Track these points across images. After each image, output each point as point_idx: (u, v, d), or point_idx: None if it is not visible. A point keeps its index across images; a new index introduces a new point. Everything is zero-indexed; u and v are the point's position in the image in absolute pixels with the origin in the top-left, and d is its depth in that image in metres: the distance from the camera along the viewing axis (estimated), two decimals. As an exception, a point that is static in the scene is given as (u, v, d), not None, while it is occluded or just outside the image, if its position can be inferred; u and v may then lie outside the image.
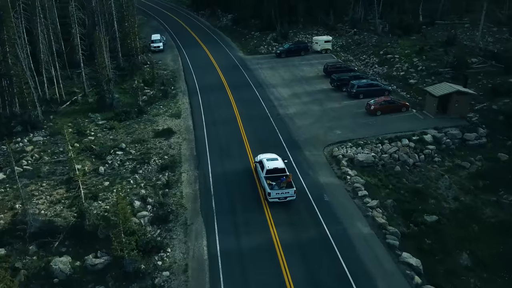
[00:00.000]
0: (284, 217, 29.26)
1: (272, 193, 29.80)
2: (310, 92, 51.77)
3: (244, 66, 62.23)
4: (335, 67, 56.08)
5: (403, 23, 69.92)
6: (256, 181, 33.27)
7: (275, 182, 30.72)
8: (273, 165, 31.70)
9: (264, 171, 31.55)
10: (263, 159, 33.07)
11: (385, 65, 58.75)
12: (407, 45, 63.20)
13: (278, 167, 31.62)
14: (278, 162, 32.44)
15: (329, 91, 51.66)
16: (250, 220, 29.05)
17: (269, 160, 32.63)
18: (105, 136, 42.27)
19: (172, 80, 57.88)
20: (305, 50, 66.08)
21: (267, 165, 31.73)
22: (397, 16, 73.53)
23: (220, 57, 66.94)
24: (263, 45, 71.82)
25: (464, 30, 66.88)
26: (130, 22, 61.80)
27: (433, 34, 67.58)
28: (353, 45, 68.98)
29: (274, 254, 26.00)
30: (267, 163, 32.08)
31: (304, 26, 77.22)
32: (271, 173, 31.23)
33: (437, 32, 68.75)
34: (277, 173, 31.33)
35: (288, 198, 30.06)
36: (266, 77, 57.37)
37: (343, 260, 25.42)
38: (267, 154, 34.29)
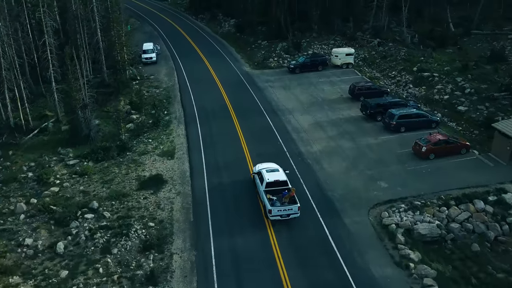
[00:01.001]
0: None
1: (273, 210, 26.40)
2: (336, 121, 41.72)
3: (251, 84, 52.15)
4: (364, 88, 46.02)
5: (436, 33, 59.99)
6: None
7: (276, 197, 27.53)
8: (274, 177, 28.47)
9: (264, 184, 28.26)
10: (262, 170, 29.67)
11: (422, 85, 48.73)
12: (444, 60, 53.29)
13: (280, 180, 28.42)
14: (279, 173, 29.19)
15: (359, 120, 41.60)
16: None
17: (269, 171, 29.34)
18: (73, 186, 32.13)
19: (165, 101, 47.71)
20: (323, 64, 56.04)
21: (267, 177, 28.46)
22: (427, 25, 63.60)
23: (223, 71, 56.83)
24: (272, 57, 61.71)
25: (510, 42, 56.93)
26: (116, 30, 51.55)
27: (471, 47, 57.70)
28: (378, 59, 58.96)
29: None
30: (267, 175, 28.79)
31: (318, 34, 67.17)
32: (271, 186, 28.09)
33: (475, 44, 58.86)
34: (278, 186, 28.19)
35: (292, 216, 26.56)
36: (279, 99, 47.30)
37: None
38: (267, 164, 31.06)
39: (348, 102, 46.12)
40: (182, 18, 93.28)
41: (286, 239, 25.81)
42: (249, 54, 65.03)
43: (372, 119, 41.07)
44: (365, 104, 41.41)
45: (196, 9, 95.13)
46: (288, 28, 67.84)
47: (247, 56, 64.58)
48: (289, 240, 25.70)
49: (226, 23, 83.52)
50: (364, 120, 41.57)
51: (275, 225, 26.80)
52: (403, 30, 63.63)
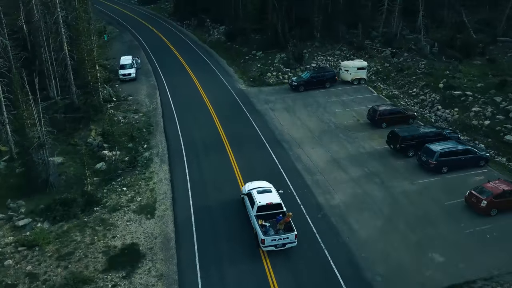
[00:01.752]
0: None
1: (267, 239, 22.90)
2: (357, 156, 33.69)
3: (248, 106, 43.89)
4: (387, 112, 38.07)
5: (459, 42, 52.45)
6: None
7: (269, 222, 24.23)
8: (266, 200, 24.97)
9: (255, 208, 24.74)
10: (252, 190, 26.09)
11: (453, 106, 40.95)
12: (474, 75, 45.68)
13: (273, 202, 24.91)
14: (272, 195, 25.63)
15: (386, 156, 33.63)
16: None
17: (261, 192, 25.77)
18: (18, 266, 23.51)
19: (145, 131, 39.17)
20: (330, 80, 48.02)
21: (258, 200, 24.93)
22: (444, 32, 56.16)
23: (214, 89, 48.46)
24: (270, 71, 53.50)
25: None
26: (85, 44, 42.84)
27: (501, 57, 50.24)
28: (394, 72, 51.17)
29: None
30: (258, 197, 25.26)
31: (321, 43, 59.15)
32: (263, 210, 24.63)
33: (504, 53, 51.42)
34: (272, 209, 24.75)
35: (288, 245, 23.24)
36: (283, 126, 39.14)
37: None
38: (258, 183, 27.45)
39: (367, 129, 38.15)
40: (166, 24, 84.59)
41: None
42: (243, 68, 56.74)
43: (402, 153, 33.11)
44: (394, 136, 33.38)
45: (181, 14, 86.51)
46: (286, 37, 59.68)
47: (240, 69, 56.28)
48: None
49: (215, 30, 75.13)
50: (392, 155, 33.58)
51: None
52: (419, 38, 55.97)
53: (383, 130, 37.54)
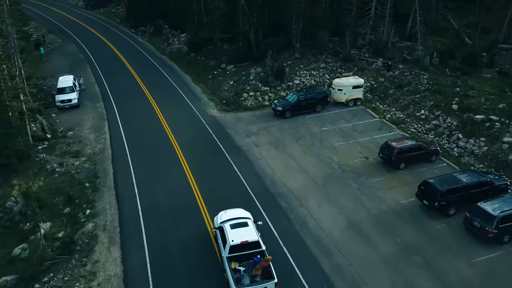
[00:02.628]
0: None
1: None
2: (381, 217, 25.12)
3: (225, 140, 34.51)
4: (406, 149, 29.77)
5: (460, 52, 45.33)
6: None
7: (243, 267, 19.49)
8: (240, 237, 20.08)
9: (227, 248, 19.92)
10: (224, 224, 21.13)
11: (477, 134, 33.33)
12: (489, 92, 38.48)
13: (249, 241, 20.06)
14: (248, 230, 20.67)
15: (419, 214, 25.28)
16: None
17: (234, 226, 20.86)
18: None
19: (89, 185, 28.90)
20: (322, 102, 39.45)
21: (231, 238, 20.12)
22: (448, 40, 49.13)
23: (179, 118, 38.67)
24: (246, 91, 44.23)
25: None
26: (2, 68, 31.92)
27: (510, 68, 43.47)
28: (392, 88, 43.30)
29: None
30: (231, 233, 20.35)
31: (302, 54, 50.44)
32: (237, 250, 19.84)
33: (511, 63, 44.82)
34: (248, 249, 19.92)
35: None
36: (274, 171, 30.04)
37: None
38: (232, 212, 22.59)
39: (382, 171, 29.76)
40: (118, 32, 73.40)
41: None
42: (212, 86, 47.18)
43: (441, 211, 24.86)
44: (429, 190, 24.98)
45: (135, 20, 75.60)
46: (260, 47, 50.77)
47: (209, 88, 46.70)
48: None
49: (175, 39, 65.01)
50: (426, 213, 25.25)
51: None
52: (414, 46, 48.48)
53: (402, 172, 29.48)
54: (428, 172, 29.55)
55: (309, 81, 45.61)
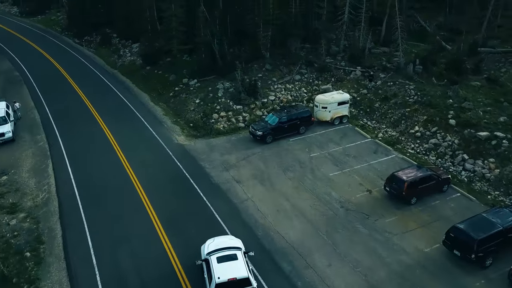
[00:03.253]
0: None
1: None
2: (405, 274, 20.63)
3: (199, 177, 28.84)
4: (418, 180, 25.48)
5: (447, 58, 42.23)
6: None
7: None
8: (228, 274, 17.92)
9: (212, 285, 17.75)
10: (211, 256, 18.91)
11: (484, 154, 29.71)
12: (484, 102, 35.32)
13: (237, 278, 17.90)
14: (237, 264, 18.45)
15: (449, 266, 21.00)
16: None
17: (222, 259, 18.59)
18: None
19: (30, 256, 22.28)
20: (306, 122, 34.68)
21: (217, 274, 17.92)
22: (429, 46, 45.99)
23: (140, 150, 32.46)
24: (216, 111, 38.58)
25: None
26: None
27: (498, 74, 40.75)
28: (377, 101, 39.30)
29: None
30: (217, 268, 18.22)
31: (273, 65, 45.47)
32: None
33: (497, 68, 42.11)
34: (236, 287, 17.70)
35: None
36: (266, 217, 24.81)
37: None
38: (220, 240, 20.49)
39: (391, 209, 25.35)
40: (59, 43, 65.10)
41: None
42: (175, 106, 41.20)
43: (477, 264, 20.66)
44: (462, 238, 20.64)
45: (78, 28, 67.41)
46: (226, 58, 45.38)
47: (172, 109, 40.69)
48: None
49: (126, 50, 58.15)
50: (458, 266, 20.96)
51: None
52: (394, 53, 44.91)
53: (414, 209, 25.34)
54: (443, 206, 25.51)
55: (285, 97, 40.74)
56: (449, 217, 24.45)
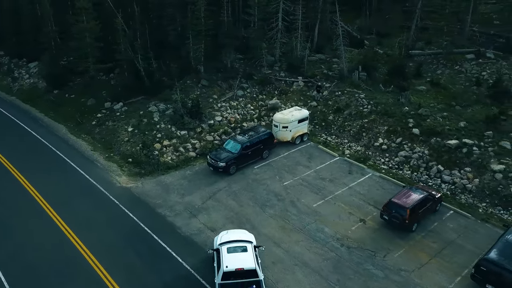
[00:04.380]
0: None
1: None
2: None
3: (163, 231, 23.43)
4: (417, 204, 23.25)
5: (389, 63, 41.73)
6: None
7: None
8: (235, 264, 18.38)
9: (220, 273, 18.27)
10: (222, 246, 19.53)
11: (458, 164, 28.75)
12: (438, 107, 35.01)
13: (245, 268, 18.19)
14: (246, 256, 18.93)
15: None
16: None
17: (232, 250, 19.21)
18: None
19: None
20: (269, 145, 30.95)
21: (225, 263, 18.39)
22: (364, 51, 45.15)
23: (77, 203, 25.71)
24: (158, 140, 32.88)
25: (475, 64, 42.43)
26: None
27: (436, 76, 41.20)
28: (330, 113, 36.99)
29: None
30: (227, 258, 18.76)
31: (210, 81, 40.76)
32: (231, 277, 18.12)
33: (434, 71, 42.66)
34: (243, 277, 18.13)
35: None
36: (262, 271, 20.46)
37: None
38: (233, 233, 21.00)
39: (393, 238, 22.89)
40: None
41: None
42: (103, 137, 34.47)
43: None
44: (495, 270, 18.60)
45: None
46: (153, 76, 39.76)
47: (100, 142, 33.92)
48: None
49: (22, 71, 48.79)
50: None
51: None
52: (334, 60, 43.34)
53: (418, 236, 23.29)
54: (443, 228, 23.73)
55: (233, 116, 36.51)
56: (455, 241, 22.71)
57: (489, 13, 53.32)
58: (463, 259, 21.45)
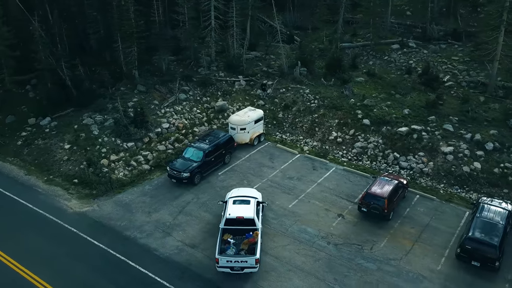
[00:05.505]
0: None
1: (221, 260, 19.59)
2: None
3: (140, 257, 21.19)
4: (392, 193, 23.85)
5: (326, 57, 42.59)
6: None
7: (234, 240, 20.94)
8: (237, 213, 21.34)
9: (223, 220, 21.41)
10: (229, 199, 22.69)
11: (412, 150, 30.15)
12: (380, 97, 36.46)
13: (244, 217, 21.09)
14: (247, 207, 21.77)
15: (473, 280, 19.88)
16: None
17: (237, 201, 22.33)
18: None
19: None
20: (230, 148, 29.73)
21: (229, 212, 21.49)
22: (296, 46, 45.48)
23: (29, 239, 22.25)
24: (104, 155, 29.80)
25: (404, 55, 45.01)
26: None
27: (369, 67, 42.95)
28: (279, 111, 36.74)
29: None
30: (230, 207, 21.83)
31: (147, 86, 37.91)
32: (232, 224, 21.17)
33: (366, 62, 44.41)
34: (243, 224, 21.09)
35: (247, 270, 19.65)
36: (257, 284, 19.46)
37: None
38: (243, 190, 24.27)
39: (373, 230, 23.33)
40: None
41: None
42: (36, 159, 30.43)
43: (491, 270, 19.98)
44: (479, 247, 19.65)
45: None
46: (81, 85, 36.29)
47: (34, 164, 29.91)
48: None
49: None
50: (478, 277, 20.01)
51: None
52: (269, 57, 43.08)
53: (395, 224, 24.09)
54: (415, 213, 24.68)
55: (181, 122, 34.51)
56: (429, 224, 23.74)
57: (401, 4, 56.98)
58: (441, 240, 22.44)
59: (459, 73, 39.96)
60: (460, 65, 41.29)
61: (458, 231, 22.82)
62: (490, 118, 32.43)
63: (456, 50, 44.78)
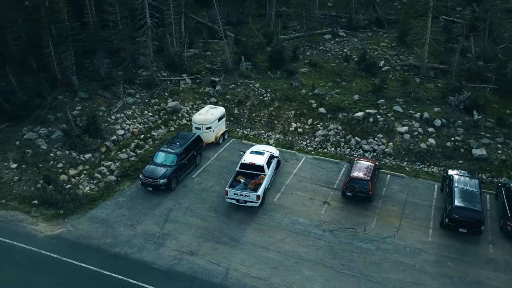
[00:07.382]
0: None
1: (230, 192, 23.83)
2: (440, 275, 20.09)
3: (139, 274, 19.74)
4: (370, 174, 24.96)
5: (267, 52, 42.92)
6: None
7: (245, 181, 25.06)
8: (251, 159, 25.92)
9: (238, 164, 26.12)
10: (248, 150, 27.57)
11: (370, 133, 31.94)
12: (328, 86, 37.90)
13: (255, 163, 25.51)
14: (261, 157, 26.15)
15: (462, 246, 21.73)
16: None
17: (253, 152, 27.04)
18: None
19: None
20: (200, 149, 28.79)
21: (244, 158, 26.24)
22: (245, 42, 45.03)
23: (4, 272, 19.56)
24: (62, 170, 27.01)
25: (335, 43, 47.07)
26: None
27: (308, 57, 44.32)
28: (233, 107, 36.38)
29: None
30: (246, 155, 26.60)
31: (89, 93, 34.97)
32: (246, 168, 25.68)
33: (304, 53, 45.66)
34: (254, 170, 25.47)
35: (249, 204, 23.58)
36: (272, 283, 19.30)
37: None
38: (262, 147, 28.88)
39: (361, 212, 24.29)
40: None
41: None
42: None
43: (474, 234, 22.02)
44: (466, 218, 21.45)
45: None
46: (15, 96, 32.63)
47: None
48: None
49: None
50: (467, 242, 21.91)
51: None
52: (207, 54, 42.30)
53: (378, 205, 25.24)
54: (392, 191, 26.21)
55: (135, 127, 32.58)
56: (408, 200, 25.37)
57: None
58: (422, 213, 24.14)
59: (390, 58, 42.92)
60: (389, 51, 44.36)
61: (435, 203, 24.72)
62: (430, 97, 35.46)
63: (382, 37, 47.98)
